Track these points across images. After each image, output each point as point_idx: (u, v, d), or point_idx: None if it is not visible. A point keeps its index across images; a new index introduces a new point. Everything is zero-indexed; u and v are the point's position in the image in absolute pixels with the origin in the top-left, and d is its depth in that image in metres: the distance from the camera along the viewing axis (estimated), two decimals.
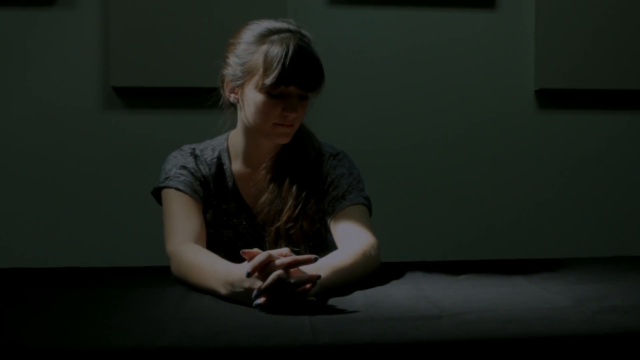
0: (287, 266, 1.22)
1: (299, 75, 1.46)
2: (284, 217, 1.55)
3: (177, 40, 2.49)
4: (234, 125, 1.63)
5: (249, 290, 1.22)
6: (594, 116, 2.72)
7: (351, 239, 1.49)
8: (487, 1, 2.64)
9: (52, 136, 2.52)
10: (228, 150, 1.64)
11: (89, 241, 2.53)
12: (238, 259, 1.28)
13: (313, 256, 1.25)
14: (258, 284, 1.21)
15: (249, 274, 1.21)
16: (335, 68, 2.07)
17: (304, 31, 1.53)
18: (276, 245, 1.53)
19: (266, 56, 1.46)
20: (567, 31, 2.64)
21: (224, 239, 1.64)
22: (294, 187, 1.57)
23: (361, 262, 1.42)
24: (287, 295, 1.20)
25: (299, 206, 1.55)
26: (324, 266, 1.31)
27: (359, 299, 1.29)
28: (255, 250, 1.25)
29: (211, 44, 2.37)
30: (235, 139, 1.63)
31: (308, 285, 1.21)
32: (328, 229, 1.60)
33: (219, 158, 1.63)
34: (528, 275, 1.52)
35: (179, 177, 1.57)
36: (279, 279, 1.19)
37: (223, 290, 1.28)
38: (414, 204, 2.66)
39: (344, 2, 2.59)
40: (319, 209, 1.58)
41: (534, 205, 2.71)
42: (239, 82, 1.52)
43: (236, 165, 1.63)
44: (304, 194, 1.56)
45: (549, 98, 2.71)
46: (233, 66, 1.53)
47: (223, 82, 1.58)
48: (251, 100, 1.50)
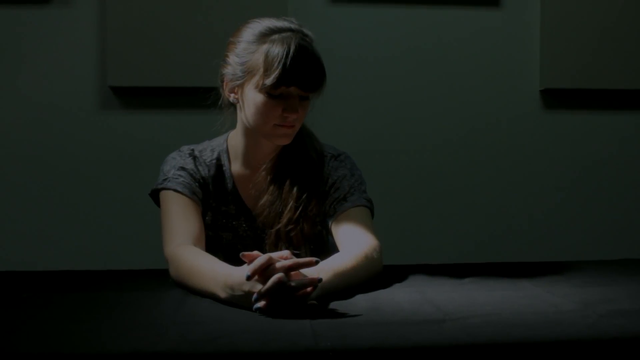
0: (288, 269, 1.21)
1: (300, 75, 1.45)
2: (285, 219, 1.54)
3: (175, 39, 2.48)
4: (233, 126, 1.62)
5: (248, 293, 1.21)
6: (600, 116, 2.71)
7: (353, 242, 1.48)
8: None
9: (48, 137, 2.51)
10: (227, 151, 1.62)
11: (86, 243, 2.52)
12: (237, 261, 1.27)
13: (314, 259, 1.24)
14: (258, 287, 1.20)
15: (248, 277, 1.20)
16: (337, 68, 2.06)
17: (306, 30, 1.51)
18: (276, 248, 1.52)
19: (267, 56, 1.45)
20: (573, 30, 2.63)
21: (223, 241, 1.63)
22: (295, 189, 1.55)
23: (363, 265, 1.40)
24: (288, 298, 1.19)
25: (300, 208, 1.54)
26: (325, 269, 1.30)
27: (361, 302, 1.28)
28: (255, 253, 1.24)
29: (209, 43, 2.38)
30: (235, 139, 1.61)
31: (309, 289, 1.21)
32: (329, 231, 1.58)
33: (218, 159, 1.62)
34: (533, 278, 1.51)
35: (177, 178, 1.56)
36: (279, 282, 1.18)
37: (222, 294, 1.27)
38: (417, 205, 2.65)
39: (345, 0, 2.57)
40: (320, 211, 1.57)
41: (539, 207, 2.69)
42: (238, 82, 1.51)
43: (236, 167, 1.62)
44: (304, 195, 1.55)
45: (555, 98, 2.69)
46: (233, 65, 1.51)
47: (223, 82, 1.56)
48: (251, 100, 1.49)
